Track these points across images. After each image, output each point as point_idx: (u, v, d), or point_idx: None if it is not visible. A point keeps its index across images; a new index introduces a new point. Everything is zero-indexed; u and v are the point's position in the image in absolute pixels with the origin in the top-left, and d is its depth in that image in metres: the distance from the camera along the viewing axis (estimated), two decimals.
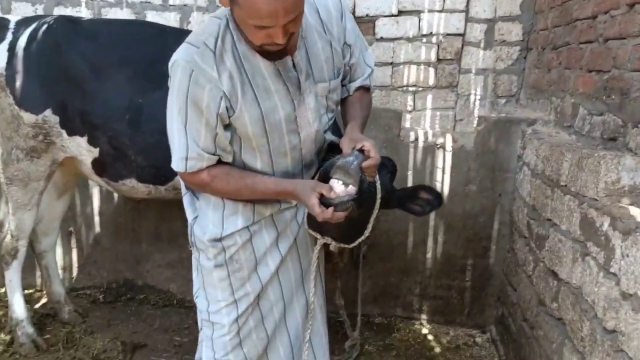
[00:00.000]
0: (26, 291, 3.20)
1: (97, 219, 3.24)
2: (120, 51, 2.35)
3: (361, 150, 1.52)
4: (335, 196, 1.49)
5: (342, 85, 1.82)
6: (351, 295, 3.13)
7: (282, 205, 1.74)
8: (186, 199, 1.80)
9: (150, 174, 2.40)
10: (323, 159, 1.73)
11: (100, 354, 2.62)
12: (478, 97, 3.50)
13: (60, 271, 3.30)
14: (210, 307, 1.76)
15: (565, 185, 1.96)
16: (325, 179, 1.56)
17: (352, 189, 1.49)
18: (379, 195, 1.69)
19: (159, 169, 2.35)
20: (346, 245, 1.78)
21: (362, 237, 1.77)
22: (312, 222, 1.71)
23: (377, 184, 1.67)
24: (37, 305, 3.09)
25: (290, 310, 1.85)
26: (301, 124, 1.63)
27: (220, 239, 1.70)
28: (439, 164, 2.85)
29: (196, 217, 1.76)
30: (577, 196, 1.85)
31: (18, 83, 2.24)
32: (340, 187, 1.50)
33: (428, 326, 3.10)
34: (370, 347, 2.87)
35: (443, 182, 2.86)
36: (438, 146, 2.82)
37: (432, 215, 2.96)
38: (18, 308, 2.60)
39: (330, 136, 1.78)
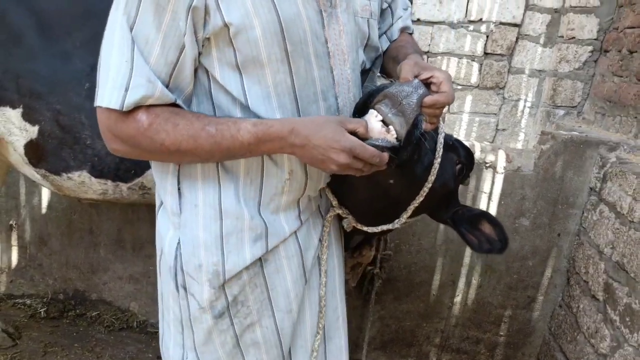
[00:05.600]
0: None
1: (45, 213, 2.59)
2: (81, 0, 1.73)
3: (427, 84, 1.00)
4: (366, 135, 0.97)
5: (379, 35, 1.31)
6: (353, 337, 2.52)
7: (305, 215, 1.12)
8: (163, 215, 1.12)
9: (111, 166, 1.79)
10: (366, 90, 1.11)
11: None
12: (529, 104, 2.88)
13: None
14: None
15: None
16: (362, 109, 1.02)
17: (393, 134, 0.99)
18: (437, 159, 1.11)
19: (124, 159, 1.73)
20: (364, 227, 1.23)
21: (393, 225, 1.20)
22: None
23: (440, 137, 1.13)
24: None
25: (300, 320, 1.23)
26: (334, 52, 1.03)
27: (223, 273, 1.06)
28: (485, 187, 2.21)
29: (178, 243, 1.08)
30: None
31: None
32: (376, 124, 0.99)
33: None
34: None
35: (488, 209, 2.23)
36: (487, 165, 2.19)
37: (467, 252, 2.34)
38: None
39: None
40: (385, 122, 0.98)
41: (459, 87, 2.88)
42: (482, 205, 2.23)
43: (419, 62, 1.05)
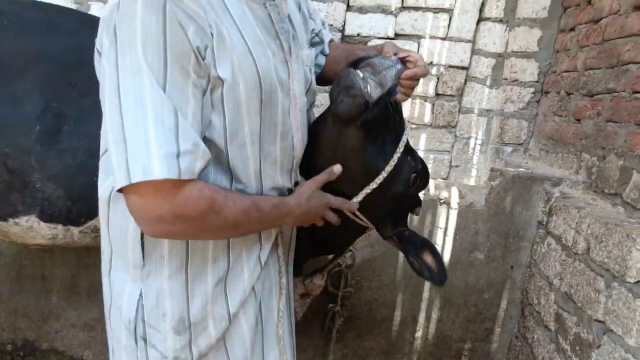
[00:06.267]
0: None
1: None
2: (32, 42, 1.73)
3: (404, 62, 1.18)
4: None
5: (316, 55, 1.45)
6: None
7: (265, 256, 1.16)
8: (117, 271, 1.09)
9: (62, 210, 1.73)
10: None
11: None
12: (479, 141, 3.02)
13: None
14: None
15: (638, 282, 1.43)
16: (344, 75, 1.14)
17: (367, 91, 1.11)
18: (398, 151, 1.22)
19: (76, 201, 1.71)
20: None
21: (347, 207, 1.26)
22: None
23: (404, 136, 1.24)
24: None
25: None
26: (293, 95, 1.13)
27: (188, 319, 1.06)
28: (441, 223, 2.29)
29: (140, 295, 1.06)
30: None
31: None
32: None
33: None
34: None
35: (444, 246, 2.30)
36: (441, 201, 2.27)
37: (427, 287, 2.38)
38: None
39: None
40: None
41: (414, 126, 3.00)
42: (439, 240, 2.30)
43: (396, 45, 1.23)
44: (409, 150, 1.29)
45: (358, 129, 1.14)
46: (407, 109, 2.98)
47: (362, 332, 2.43)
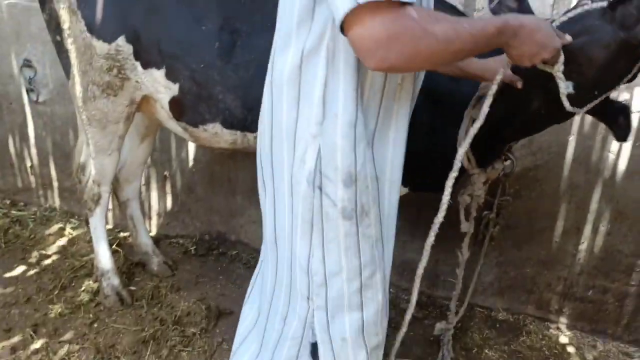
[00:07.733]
0: (122, 234, 3.12)
1: (192, 165, 2.99)
2: None
3: None
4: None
5: None
6: (467, 282, 2.57)
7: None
8: (301, 130, 1.23)
9: (239, 118, 1.98)
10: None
11: (183, 317, 2.39)
12: None
13: (155, 216, 3.17)
14: (328, 269, 1.28)
15: None
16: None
17: None
18: None
19: (251, 110, 1.94)
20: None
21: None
22: None
23: None
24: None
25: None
26: None
27: (355, 174, 1.20)
28: None
29: (319, 149, 1.20)
30: None
31: (89, 5, 1.91)
32: None
33: (568, 333, 2.45)
34: (491, 351, 2.32)
35: (620, 152, 2.10)
36: None
37: (595, 198, 2.23)
38: (103, 258, 2.43)
39: None
40: None
41: None
42: (613, 145, 2.11)
43: None
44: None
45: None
46: None
47: (519, 242, 2.41)
